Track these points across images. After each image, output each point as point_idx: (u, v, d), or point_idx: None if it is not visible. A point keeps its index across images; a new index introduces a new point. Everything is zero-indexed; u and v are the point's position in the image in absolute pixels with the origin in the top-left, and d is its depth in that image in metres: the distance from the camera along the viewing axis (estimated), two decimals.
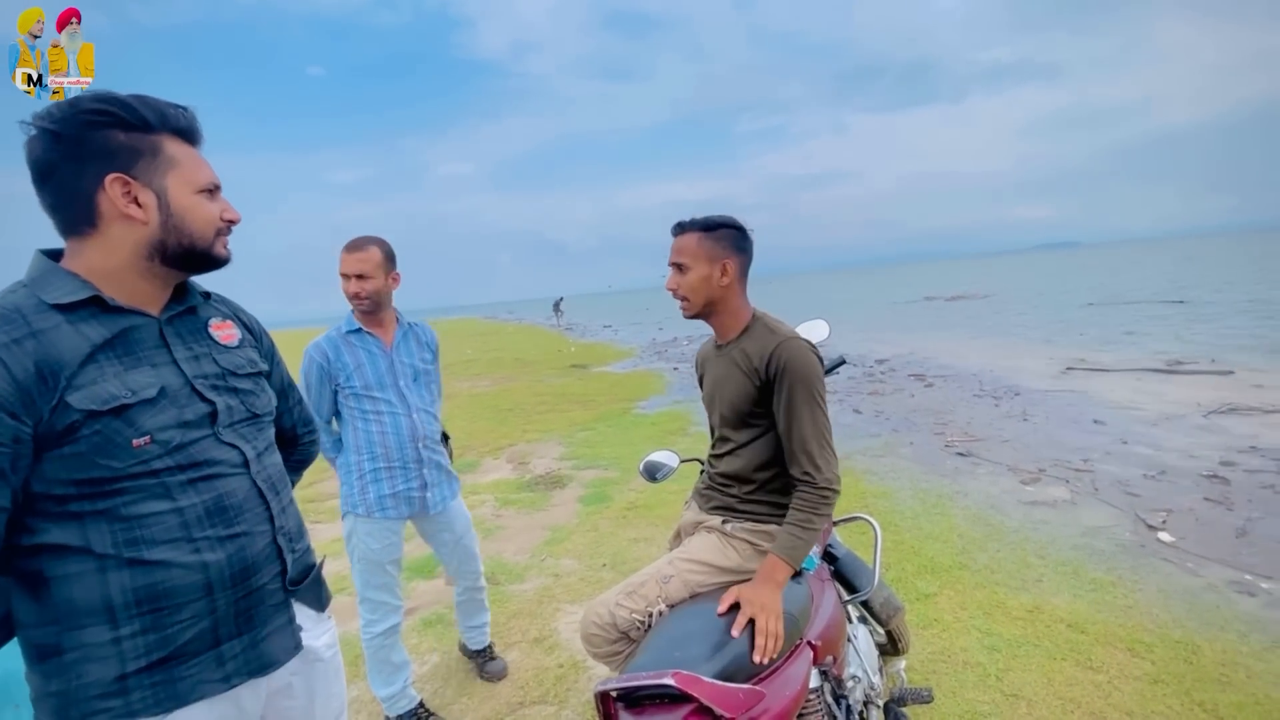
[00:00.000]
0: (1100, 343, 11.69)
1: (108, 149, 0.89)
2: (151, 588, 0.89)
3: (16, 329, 0.83)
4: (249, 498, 1.00)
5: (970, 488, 4.58)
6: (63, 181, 0.88)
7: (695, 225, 1.59)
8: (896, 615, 2.27)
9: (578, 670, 2.62)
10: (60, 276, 0.89)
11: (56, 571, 0.87)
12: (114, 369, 0.89)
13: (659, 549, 3.78)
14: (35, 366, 0.82)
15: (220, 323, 1.07)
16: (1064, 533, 3.70)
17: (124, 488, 0.88)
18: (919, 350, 12.54)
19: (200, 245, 0.97)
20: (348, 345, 2.11)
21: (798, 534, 1.49)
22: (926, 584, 3.15)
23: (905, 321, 19.38)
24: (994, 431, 6.13)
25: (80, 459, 0.85)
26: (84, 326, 0.88)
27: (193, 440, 0.95)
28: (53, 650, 0.87)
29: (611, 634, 1.51)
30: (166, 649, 0.90)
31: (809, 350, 1.53)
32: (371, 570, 2.17)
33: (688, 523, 1.74)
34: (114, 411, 0.87)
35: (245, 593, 0.98)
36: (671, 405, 8.70)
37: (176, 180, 0.94)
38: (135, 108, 0.90)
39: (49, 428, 0.83)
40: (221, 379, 1.01)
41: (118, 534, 0.88)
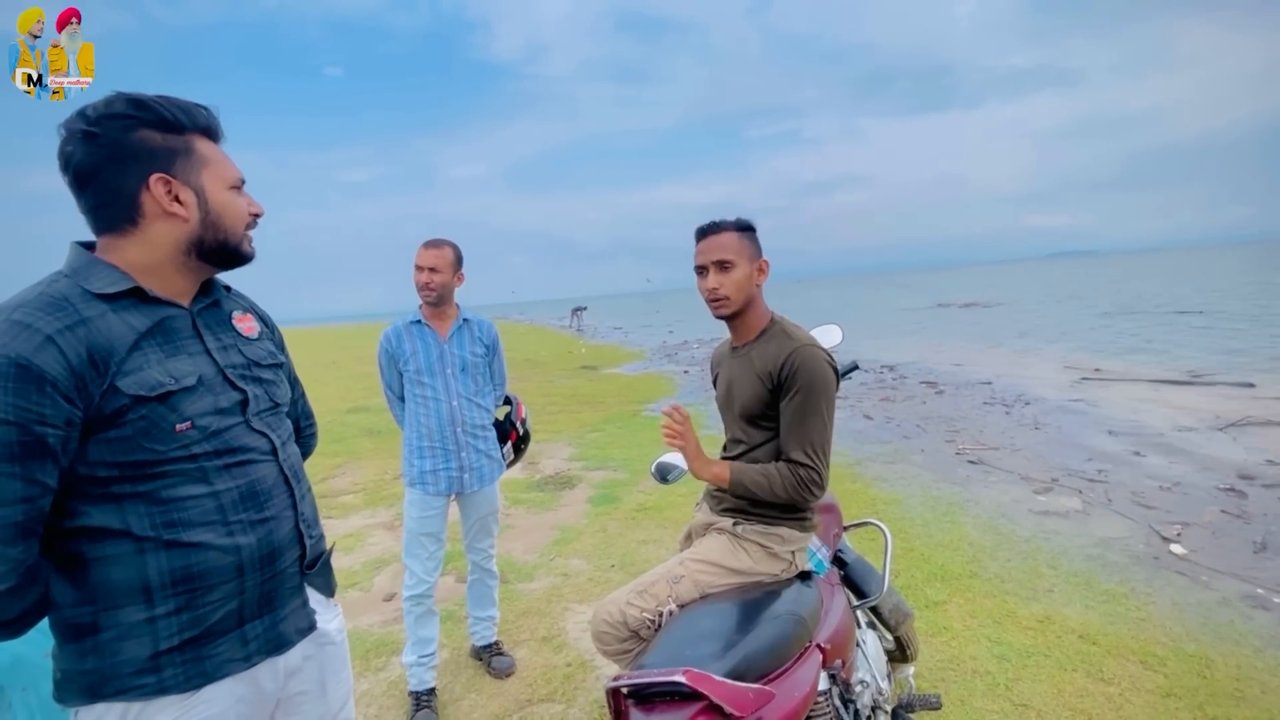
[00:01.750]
0: (1115, 352, 11.57)
1: (148, 150, 0.92)
2: (188, 569, 0.93)
3: (68, 316, 0.86)
4: (277, 484, 1.04)
5: (981, 496, 4.55)
6: (105, 183, 0.91)
7: (730, 224, 1.60)
8: (906, 622, 2.27)
9: (586, 669, 2.63)
10: (101, 268, 0.92)
11: (95, 553, 0.90)
12: (156, 356, 0.93)
13: (668, 550, 3.79)
14: (88, 352, 0.86)
15: (242, 315, 1.11)
16: (1076, 543, 3.67)
17: (165, 471, 0.92)
18: (930, 357, 12.46)
19: (233, 241, 1.02)
20: (409, 334, 2.37)
21: (756, 476, 1.54)
22: (936, 591, 3.13)
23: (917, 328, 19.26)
24: (1006, 440, 6.09)
25: (126, 442, 0.89)
26: (127, 316, 0.92)
27: (227, 427, 0.99)
28: (89, 629, 0.90)
29: (622, 632, 1.52)
30: (198, 628, 0.94)
31: (824, 360, 1.53)
32: (411, 538, 2.40)
33: (699, 524, 1.75)
34: (160, 398, 0.91)
35: (270, 575, 1.02)
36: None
37: (212, 178, 0.98)
38: (168, 109, 0.94)
39: (98, 411, 0.87)
40: (248, 369, 1.06)
41: (156, 516, 0.91)
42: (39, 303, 0.86)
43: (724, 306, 1.64)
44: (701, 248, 1.63)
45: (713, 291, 1.62)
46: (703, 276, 1.64)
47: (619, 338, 24.72)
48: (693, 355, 15.95)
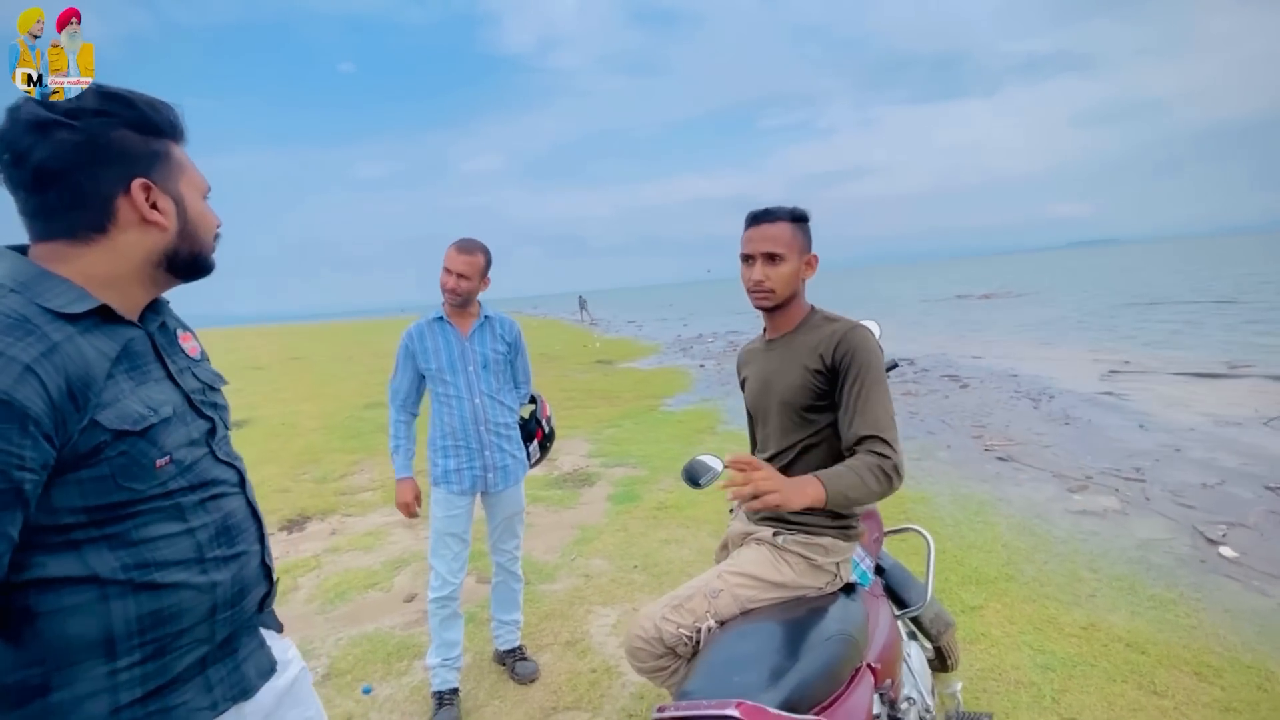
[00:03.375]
0: (1145, 344, 11.27)
1: (126, 151, 0.83)
2: (159, 613, 0.84)
3: (39, 340, 0.73)
4: (246, 517, 0.97)
5: (1013, 495, 4.41)
6: (77, 184, 0.80)
7: (784, 214, 1.52)
8: (948, 631, 2.17)
9: (611, 676, 2.56)
10: (55, 282, 0.79)
11: (48, 606, 0.77)
12: (129, 385, 0.83)
13: (691, 551, 3.71)
14: (67, 383, 0.74)
15: (184, 334, 1.00)
16: (1116, 545, 3.53)
17: (137, 511, 0.82)
18: (951, 350, 12.24)
19: (205, 253, 0.94)
20: (430, 331, 2.34)
21: (848, 477, 1.32)
22: (971, 596, 3.02)
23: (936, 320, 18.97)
24: (1035, 436, 5.92)
25: (101, 483, 0.78)
26: (94, 339, 0.80)
27: (198, 459, 0.91)
28: (37, 691, 0.78)
29: (657, 649, 1.44)
30: (164, 677, 0.85)
31: (874, 338, 1.46)
32: (437, 538, 2.36)
33: (735, 533, 1.66)
34: (141, 432, 0.81)
35: (236, 614, 0.95)
36: (699, 403, 8.61)
37: (189, 186, 0.90)
38: (146, 108, 0.85)
39: (72, 450, 0.75)
40: (204, 393, 0.97)
41: (125, 559, 0.81)
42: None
43: (767, 299, 1.55)
44: (751, 235, 1.54)
45: (758, 284, 1.54)
46: (749, 265, 1.55)
47: (633, 331, 24.66)
48: (708, 349, 15.83)
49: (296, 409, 9.74)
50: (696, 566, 3.50)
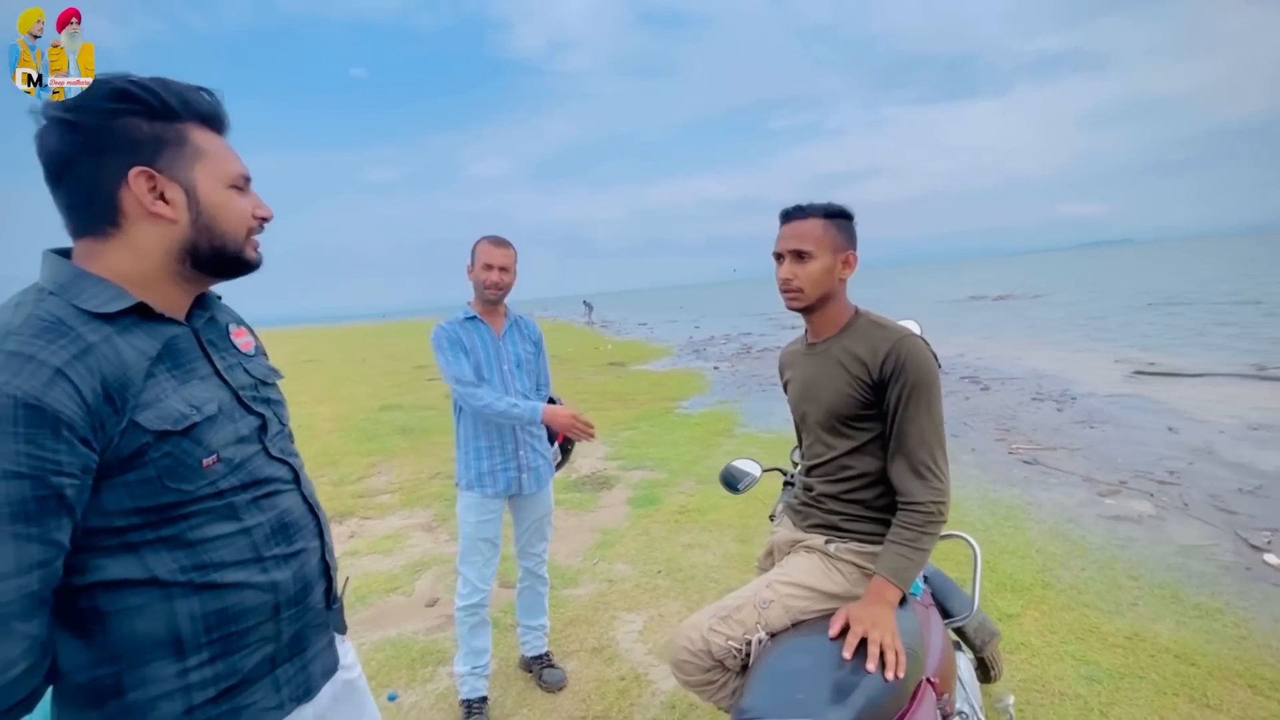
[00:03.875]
0: (1169, 345, 11.05)
1: (130, 139, 0.79)
2: (223, 612, 0.83)
3: (72, 343, 0.72)
4: (303, 514, 0.95)
5: (1043, 499, 4.31)
6: (80, 177, 0.78)
7: (817, 210, 1.45)
8: (992, 641, 2.10)
9: (641, 684, 2.50)
10: (92, 282, 0.78)
11: (115, 606, 0.77)
12: (171, 384, 0.81)
13: (714, 555, 3.65)
14: (102, 385, 0.73)
15: (238, 329, 0.98)
16: (1155, 551, 3.43)
17: (190, 512, 0.80)
18: (968, 352, 12.07)
19: (232, 247, 0.87)
20: (464, 330, 2.29)
21: (907, 554, 1.35)
22: (1008, 603, 2.94)
23: (951, 322, 18.75)
24: (1061, 439, 5.80)
25: (148, 485, 0.77)
26: (132, 338, 0.78)
27: (249, 456, 0.88)
28: (112, 692, 0.78)
29: (705, 661, 1.38)
30: (234, 677, 0.85)
31: (928, 350, 1.38)
32: (469, 544, 2.31)
33: (782, 540, 1.60)
34: (184, 431, 0.79)
35: (302, 612, 0.94)
36: (715, 405, 8.54)
37: (205, 173, 0.84)
38: (158, 92, 0.80)
39: (115, 453, 0.74)
40: (256, 389, 0.94)
41: (184, 560, 0.80)
42: (32, 328, 0.71)
43: (797, 299, 1.49)
44: (782, 233, 1.49)
45: (785, 282, 1.48)
46: (779, 264, 1.50)
47: (644, 333, 24.59)
48: (721, 351, 15.74)
49: (312, 411, 9.76)
50: (721, 572, 3.44)
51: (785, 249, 1.47)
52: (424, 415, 9.01)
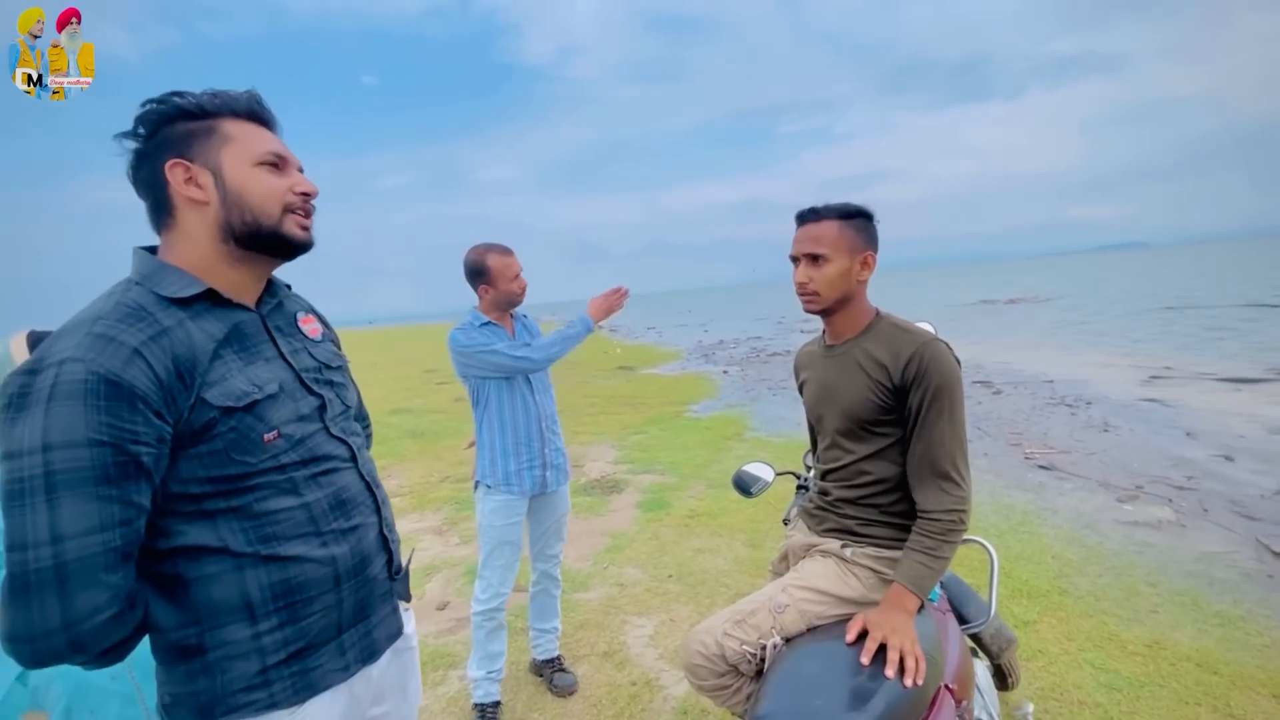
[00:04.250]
0: (1185, 350, 10.91)
1: (169, 139, 0.89)
2: (287, 583, 0.91)
3: (150, 325, 0.82)
4: (360, 491, 1.01)
5: (1059, 504, 4.25)
6: (143, 180, 0.90)
7: (833, 212, 1.43)
8: (1009, 648, 2.06)
9: (652, 689, 2.49)
10: (170, 271, 0.88)
11: (195, 573, 0.87)
12: (237, 364, 0.89)
13: (725, 560, 3.63)
14: (174, 364, 0.82)
15: (305, 316, 1.07)
16: (1175, 558, 3.37)
17: (256, 484, 0.88)
18: (980, 356, 11.97)
19: (266, 222, 0.92)
20: (483, 335, 2.28)
21: (926, 563, 1.33)
22: (1024, 610, 2.90)
23: (962, 326, 18.60)
24: (1076, 443, 5.73)
25: (216, 456, 0.85)
26: (203, 322, 0.88)
27: (309, 434, 0.95)
28: (196, 650, 0.88)
29: (719, 666, 1.37)
30: (301, 641, 0.92)
31: (952, 355, 1.36)
32: (495, 547, 2.29)
33: (797, 545, 1.58)
34: (247, 407, 0.87)
35: (362, 583, 1.00)
36: (725, 409, 8.51)
37: (231, 155, 0.91)
38: (190, 97, 0.90)
39: (187, 426, 0.83)
40: (319, 372, 1.02)
41: (251, 531, 0.88)
42: (118, 313, 0.81)
43: (812, 302, 1.48)
44: (797, 236, 1.48)
45: (802, 286, 1.47)
46: (796, 267, 1.48)
47: (653, 337, 24.59)
48: (730, 355, 15.71)
49: None
50: (732, 577, 3.41)
51: (801, 252, 1.46)
52: (434, 419, 9.05)
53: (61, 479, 0.75)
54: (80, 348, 0.77)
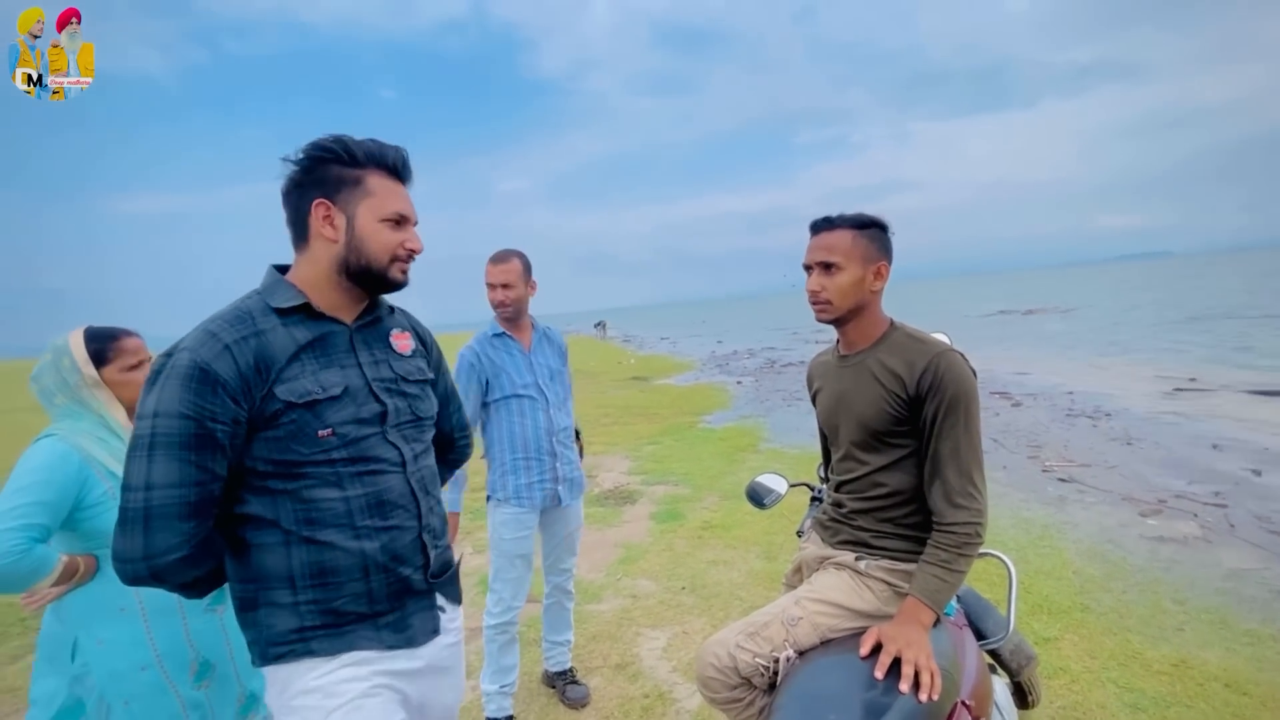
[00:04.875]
0: (1209, 361, 10.69)
1: (323, 179, 1.06)
2: (320, 564, 1.04)
3: (245, 328, 1.00)
4: (403, 495, 1.12)
5: (1080, 518, 4.17)
6: (291, 203, 1.08)
7: (846, 221, 1.43)
8: (1029, 665, 2.02)
9: (665, 702, 2.47)
10: (282, 286, 1.07)
11: (255, 540, 1.03)
12: (312, 367, 1.04)
13: (739, 572, 3.60)
14: (254, 360, 0.99)
15: (400, 333, 1.21)
16: (1202, 575, 3.29)
17: (307, 473, 1.02)
18: (998, 367, 11.82)
19: (375, 267, 1.09)
20: (493, 348, 2.30)
21: (942, 576, 1.31)
22: (1045, 626, 2.84)
23: (981, 336, 18.38)
24: (1097, 456, 5.63)
25: (278, 443, 1.00)
26: (294, 329, 1.05)
27: (364, 436, 1.07)
28: (252, 604, 1.05)
29: (732, 679, 1.36)
30: (333, 616, 1.05)
31: (967, 365, 1.35)
32: (503, 560, 2.29)
33: (811, 557, 1.57)
34: (307, 405, 1.02)
35: (395, 578, 1.10)
36: (739, 420, 8.48)
37: (366, 208, 1.08)
38: (350, 147, 1.06)
39: (259, 413, 0.99)
40: (394, 383, 1.15)
41: (299, 513, 1.03)
42: (229, 317, 1.01)
43: (824, 311, 1.47)
44: (811, 244, 1.48)
45: (814, 294, 1.47)
46: (808, 276, 1.49)
47: (667, 348, 24.59)
48: (744, 365, 15.66)
49: None
50: (746, 589, 3.39)
51: (813, 260, 1.46)
52: None
53: (160, 440, 0.94)
54: (193, 340, 0.97)
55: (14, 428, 10.11)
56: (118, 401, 1.46)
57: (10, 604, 3.50)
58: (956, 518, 1.32)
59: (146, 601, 1.41)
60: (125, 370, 1.47)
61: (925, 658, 1.19)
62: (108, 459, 1.38)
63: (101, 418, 1.43)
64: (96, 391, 1.43)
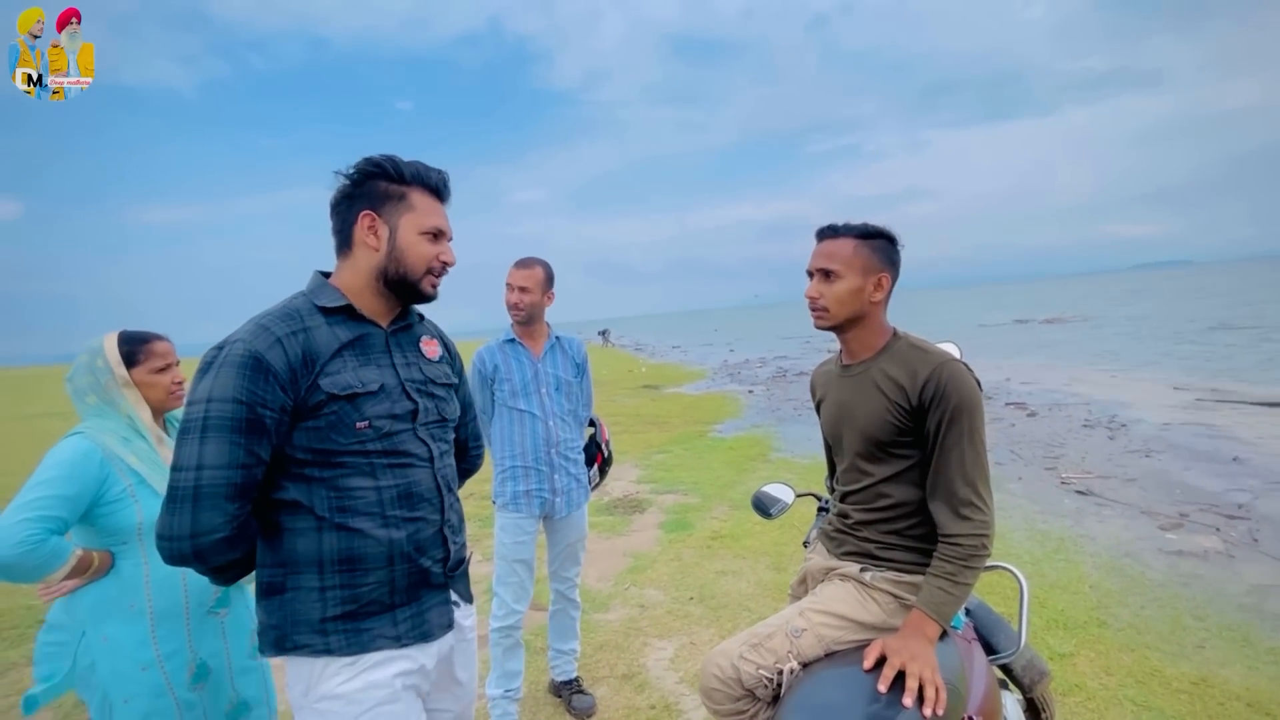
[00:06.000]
0: (1230, 371, 10.49)
1: (371, 192, 1.14)
2: (350, 550, 1.09)
3: (295, 324, 1.08)
4: (429, 489, 1.19)
5: (1097, 531, 4.10)
6: (339, 213, 1.16)
7: (851, 231, 1.43)
8: (1042, 681, 1.97)
9: (671, 713, 2.45)
10: (328, 289, 1.16)
11: (289, 525, 1.09)
12: (352, 364, 1.12)
13: (748, 583, 3.57)
14: (303, 353, 1.06)
15: (429, 340, 1.29)
16: (1224, 590, 3.21)
17: (343, 461, 1.08)
18: (1015, 377, 11.67)
19: (411, 277, 1.17)
20: (503, 353, 2.33)
21: (947, 589, 1.29)
22: (1060, 641, 2.79)
23: (996, 345, 18.18)
24: (1115, 468, 5.53)
25: (319, 432, 1.07)
26: (337, 328, 1.13)
27: (397, 431, 1.14)
28: (279, 589, 1.09)
29: (735, 690, 1.35)
30: (355, 604, 1.10)
31: (971, 376, 1.34)
32: (504, 565, 2.32)
33: (816, 568, 1.55)
34: (348, 398, 1.08)
35: (415, 569, 1.16)
36: (750, 429, 8.44)
37: (407, 221, 1.16)
38: (398, 165, 1.15)
39: (303, 403, 1.05)
40: (424, 385, 1.22)
41: (333, 500, 1.08)
42: (279, 313, 1.09)
43: (821, 318, 1.47)
44: (815, 250, 1.48)
45: (812, 300, 1.47)
46: (810, 280, 1.49)
47: (679, 356, 24.56)
48: (755, 374, 15.60)
49: None
50: (755, 600, 3.36)
51: (814, 267, 1.46)
52: None
53: (213, 423, 0.99)
54: (246, 332, 1.04)
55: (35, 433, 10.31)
56: (144, 402, 1.52)
57: (29, 606, 3.56)
58: (962, 529, 1.30)
59: (155, 602, 1.44)
60: (154, 372, 1.53)
61: (930, 671, 1.17)
62: (129, 457, 1.44)
63: (129, 417, 1.49)
64: (126, 391, 1.49)
